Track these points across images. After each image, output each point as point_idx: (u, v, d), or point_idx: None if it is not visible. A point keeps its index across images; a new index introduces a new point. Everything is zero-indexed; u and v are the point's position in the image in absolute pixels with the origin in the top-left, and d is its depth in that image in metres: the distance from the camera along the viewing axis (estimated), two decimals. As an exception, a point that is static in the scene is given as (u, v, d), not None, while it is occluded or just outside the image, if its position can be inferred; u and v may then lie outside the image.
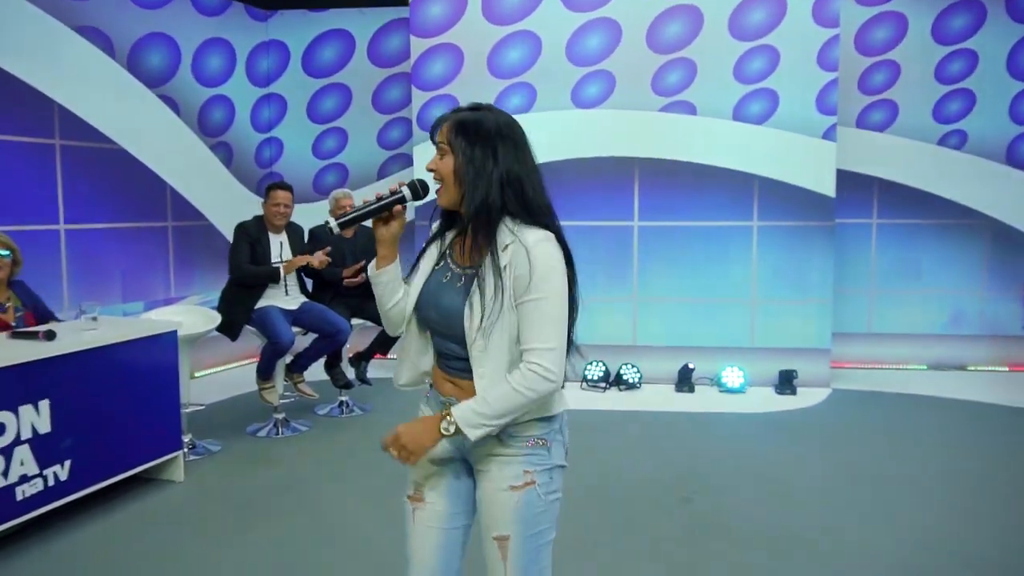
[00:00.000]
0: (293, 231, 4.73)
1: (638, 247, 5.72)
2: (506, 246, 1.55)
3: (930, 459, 4.05)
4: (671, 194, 5.64)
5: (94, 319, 3.42)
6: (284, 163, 6.77)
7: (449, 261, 1.65)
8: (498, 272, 1.54)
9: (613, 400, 5.32)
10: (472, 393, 1.57)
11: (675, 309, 5.71)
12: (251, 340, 4.77)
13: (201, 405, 4.60)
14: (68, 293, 4.95)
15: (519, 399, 1.53)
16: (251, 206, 5.70)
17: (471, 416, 1.53)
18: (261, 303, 4.50)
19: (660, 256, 5.70)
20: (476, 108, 1.63)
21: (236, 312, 4.46)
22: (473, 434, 1.53)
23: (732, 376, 5.51)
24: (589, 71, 5.65)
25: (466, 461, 1.70)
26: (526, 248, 1.54)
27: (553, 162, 5.68)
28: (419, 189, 1.66)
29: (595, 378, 5.60)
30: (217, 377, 6.06)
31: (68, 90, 4.92)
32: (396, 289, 1.70)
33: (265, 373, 4.54)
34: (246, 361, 6.32)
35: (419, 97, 5.86)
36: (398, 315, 1.71)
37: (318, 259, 4.57)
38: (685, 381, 5.55)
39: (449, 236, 1.69)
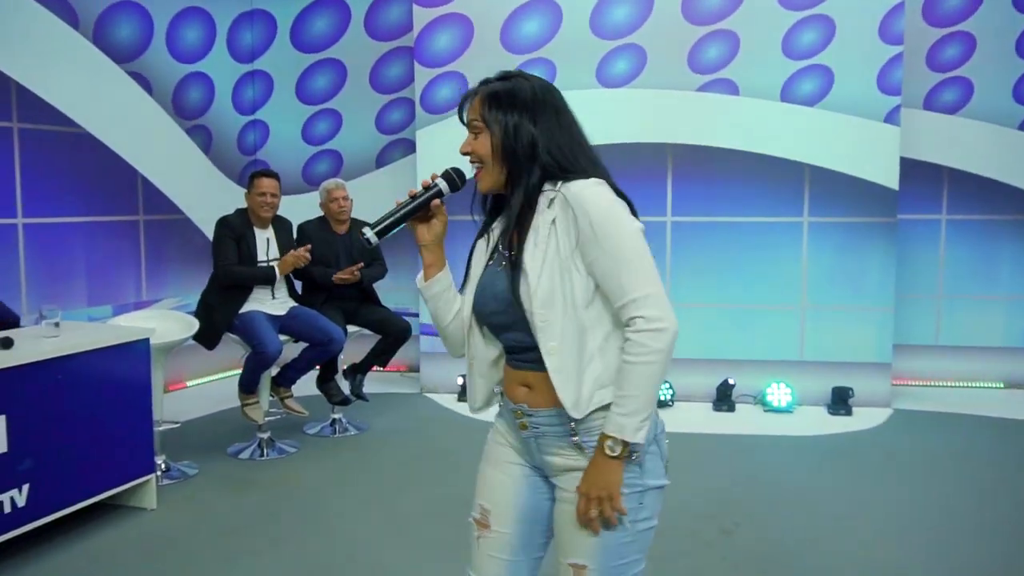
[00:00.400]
0: (281, 225, 4.76)
1: (671, 246, 5.72)
2: (550, 201, 1.56)
3: (1005, 490, 4.02)
4: (709, 186, 5.64)
5: (56, 325, 3.45)
6: (270, 149, 6.82)
7: (502, 250, 1.64)
8: (555, 229, 1.53)
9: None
10: (545, 390, 1.57)
11: (713, 316, 5.71)
12: (232, 350, 4.80)
13: (176, 423, 4.63)
14: (27, 295, 5.00)
15: (648, 369, 1.49)
16: (233, 198, 5.74)
17: (622, 421, 1.50)
18: (245, 307, 4.53)
19: (696, 256, 5.70)
20: (506, 77, 1.64)
21: (217, 318, 4.49)
22: (640, 436, 1.51)
23: (778, 394, 5.50)
24: (617, 45, 5.65)
25: (542, 472, 1.68)
26: (569, 197, 1.54)
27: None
28: (455, 178, 1.66)
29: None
30: (194, 391, 6.10)
31: (27, 66, 4.97)
32: (452, 300, 1.70)
33: (248, 387, 4.56)
34: (227, 373, 6.36)
35: (423, 75, 5.89)
36: (458, 331, 1.70)
37: (294, 255, 4.54)
38: (724, 399, 5.54)
39: (497, 228, 1.67)
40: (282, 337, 4.56)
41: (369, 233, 1.62)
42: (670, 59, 5.59)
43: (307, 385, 5.17)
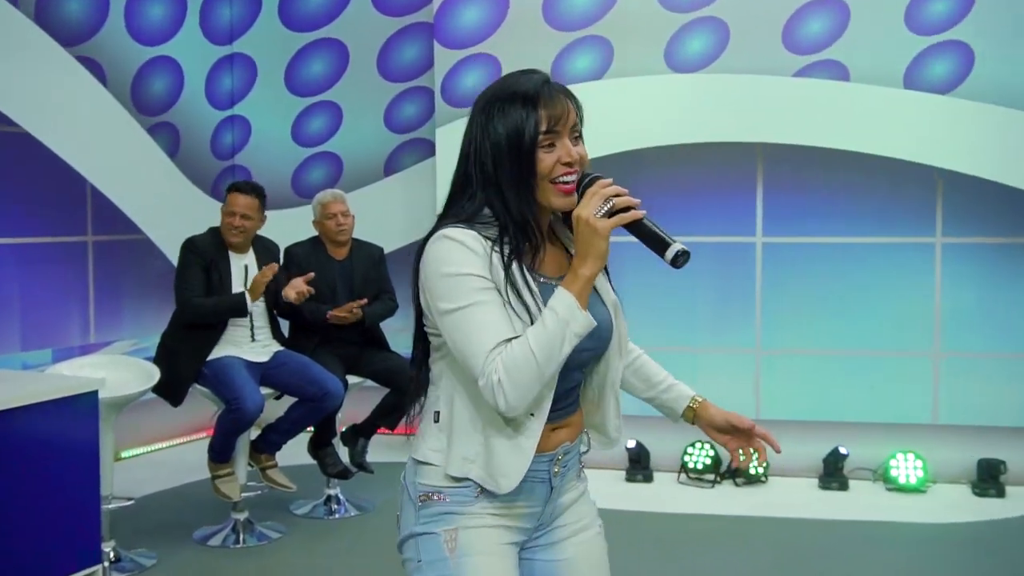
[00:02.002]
0: (264, 249, 4.80)
1: (762, 273, 5.68)
2: None
3: None
4: (810, 196, 5.60)
5: (-17, 374, 3.50)
6: (252, 152, 6.90)
7: (538, 277, 1.86)
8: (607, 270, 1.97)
9: (727, 500, 5.28)
10: (579, 424, 1.98)
11: (817, 366, 5.64)
12: (202, 406, 4.82)
13: (129, 499, 4.65)
14: (-53, 336, 5.08)
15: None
16: (205, 213, 5.81)
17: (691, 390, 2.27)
18: (217, 352, 4.56)
19: (794, 287, 5.64)
20: (543, 73, 1.90)
21: (181, 365, 4.52)
22: None
23: (905, 467, 5.42)
24: (691, 19, 5.66)
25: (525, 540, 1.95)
26: None
27: (637, 150, 5.68)
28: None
29: (700, 467, 5.56)
30: (153, 458, 6.13)
31: None
32: None
33: (221, 454, 4.57)
34: (194, 436, 6.40)
35: (444, 58, 5.93)
36: None
37: (295, 290, 4.62)
38: (834, 473, 5.48)
39: (502, 250, 1.83)
40: (264, 390, 4.57)
41: (677, 246, 1.85)
42: (760, 36, 5.58)
43: (296, 452, 5.18)
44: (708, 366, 5.70)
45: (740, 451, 2.11)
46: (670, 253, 1.84)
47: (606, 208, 1.80)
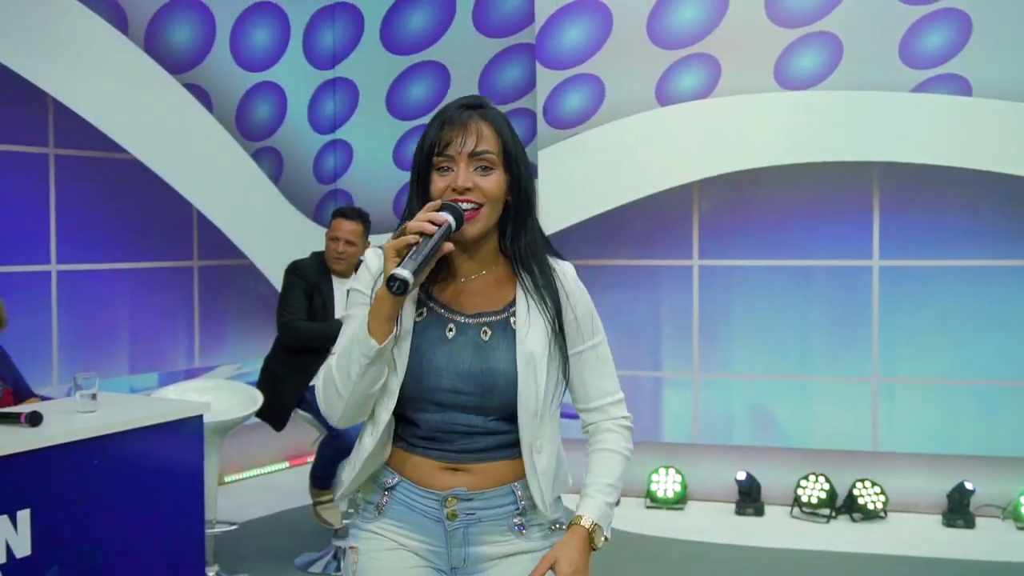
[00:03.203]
0: (366, 275, 4.87)
1: (879, 298, 5.56)
2: (538, 274, 1.94)
3: None
4: (930, 217, 5.48)
5: (92, 397, 3.61)
6: (354, 177, 7.03)
7: (438, 308, 1.94)
8: (556, 314, 1.93)
9: (843, 536, 5.20)
10: (491, 473, 1.92)
11: (940, 396, 5.50)
12: (304, 431, 4.90)
13: (233, 524, 4.75)
14: (58, 359, 5.28)
15: (625, 466, 2.00)
16: (309, 238, 5.96)
17: (608, 512, 1.95)
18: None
19: (914, 312, 5.53)
20: (478, 100, 1.98)
21: (284, 390, 4.61)
22: (608, 533, 1.94)
23: (1037, 504, 5.24)
24: (801, 34, 5.60)
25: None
26: (563, 274, 1.98)
27: (746, 171, 5.63)
28: (460, 217, 1.85)
29: (814, 500, 5.47)
30: (256, 484, 6.27)
31: (65, 78, 5.30)
32: (387, 364, 1.91)
33: (323, 480, 4.65)
34: (297, 461, 6.53)
35: (547, 78, 5.98)
36: (376, 395, 1.91)
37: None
38: (959, 510, 5.34)
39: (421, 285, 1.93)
40: (366, 416, 4.63)
41: (404, 273, 1.74)
42: (875, 50, 5.49)
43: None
44: (823, 396, 5.60)
45: None
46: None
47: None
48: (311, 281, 4.69)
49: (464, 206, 1.85)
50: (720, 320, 5.78)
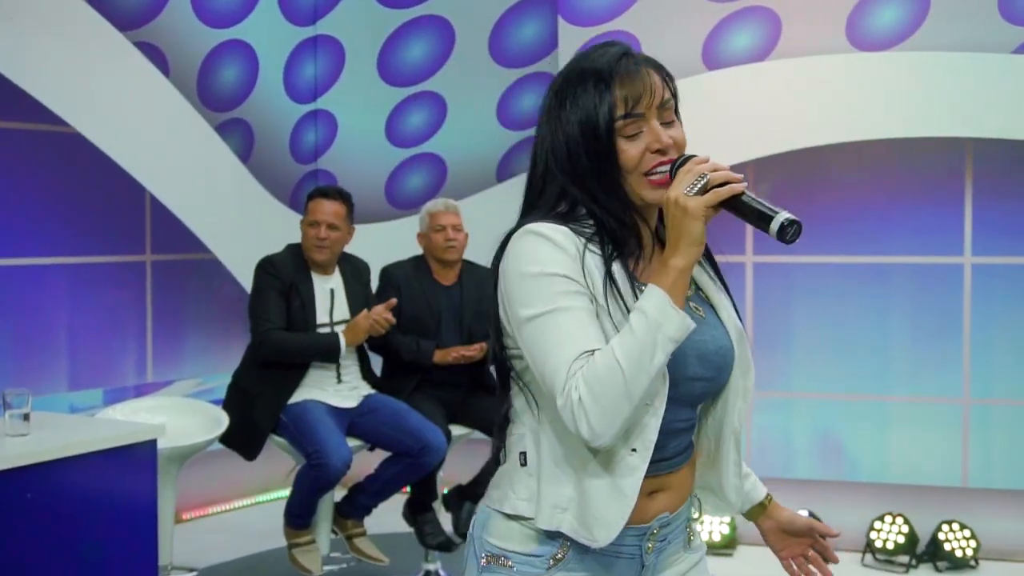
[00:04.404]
0: (353, 271, 4.88)
1: (971, 302, 5.56)
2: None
3: None
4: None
5: (24, 418, 3.62)
6: (339, 154, 7.02)
7: (642, 288, 1.81)
8: (726, 285, 2.03)
9: (925, 589, 5.16)
10: (686, 485, 1.96)
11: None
12: (278, 459, 4.90)
13: (192, 570, 4.77)
14: (-16, 372, 5.28)
15: None
16: (284, 228, 5.92)
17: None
18: (296, 396, 4.65)
19: (1015, 320, 5.53)
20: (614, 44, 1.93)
21: (257, 410, 4.61)
22: None
23: None
24: (879, -16, 5.58)
25: None
26: None
27: (810, 149, 5.59)
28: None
29: (891, 546, 5.44)
30: (219, 521, 6.26)
31: None
32: None
33: (300, 518, 4.65)
34: (268, 495, 6.52)
35: (571, 36, 5.94)
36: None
37: (372, 318, 4.64)
38: (1068, 559, 5.30)
39: (597, 250, 1.85)
40: (352, 442, 4.64)
41: (793, 215, 1.79)
42: (969, 3, 5.46)
43: (390, 517, 5.23)
44: (902, 420, 5.59)
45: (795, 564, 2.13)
46: (775, 225, 1.79)
47: (700, 184, 1.77)
48: (287, 279, 4.70)
49: (662, 169, 1.84)
50: (778, 328, 5.77)
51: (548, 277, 1.76)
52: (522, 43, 6.59)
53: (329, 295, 4.77)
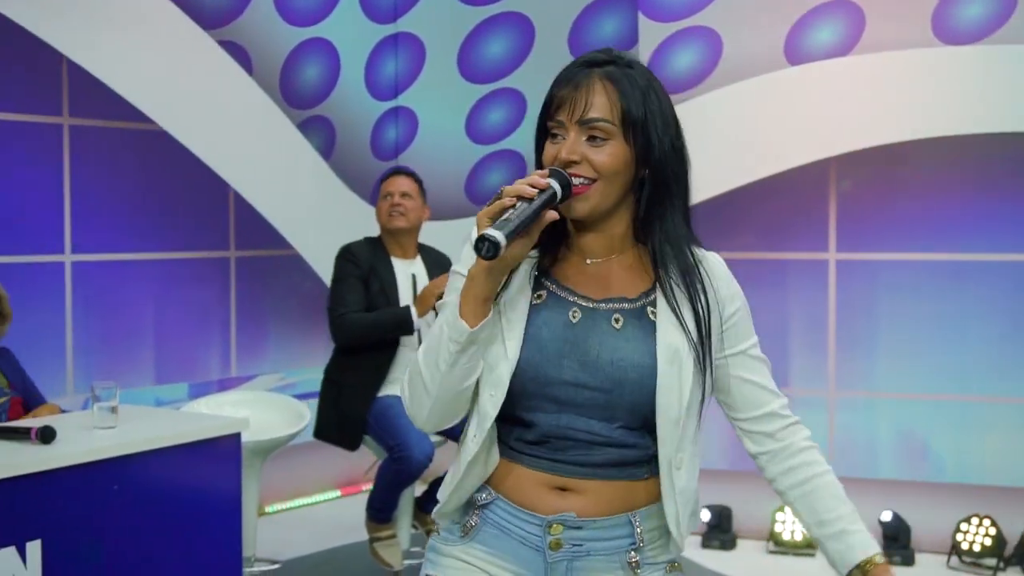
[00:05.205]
0: (434, 262, 4.89)
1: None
2: (678, 261, 1.95)
3: None
4: None
5: (112, 410, 3.68)
6: (419, 150, 7.05)
7: (559, 291, 1.97)
8: (704, 306, 1.94)
9: (1013, 593, 5.09)
10: (605, 496, 1.92)
11: None
12: (359, 453, 4.92)
13: (275, 563, 4.80)
14: (73, 364, 5.37)
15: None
16: (364, 223, 5.95)
17: (869, 539, 1.95)
18: (381, 391, 4.68)
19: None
20: (618, 58, 1.95)
21: (349, 400, 4.62)
22: None
23: None
24: (966, -24, 5.49)
25: None
26: (712, 266, 2.00)
27: (897, 144, 5.53)
28: (567, 183, 1.89)
29: (977, 549, 5.37)
30: (302, 515, 6.32)
31: (80, 37, 5.34)
32: (482, 355, 1.94)
33: (382, 512, 4.67)
34: (350, 489, 6.58)
35: (651, 32, 5.93)
36: (464, 399, 1.97)
37: (439, 286, 4.58)
38: None
39: (528, 259, 1.96)
40: (434, 437, 4.64)
41: (496, 234, 1.78)
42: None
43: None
44: (988, 420, 5.50)
45: None
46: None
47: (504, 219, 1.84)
48: (365, 265, 4.71)
49: (574, 180, 1.88)
50: (861, 326, 5.70)
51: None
52: (602, 39, 6.55)
53: (411, 280, 4.77)
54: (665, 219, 1.94)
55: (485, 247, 1.77)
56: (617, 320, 1.92)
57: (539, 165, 1.95)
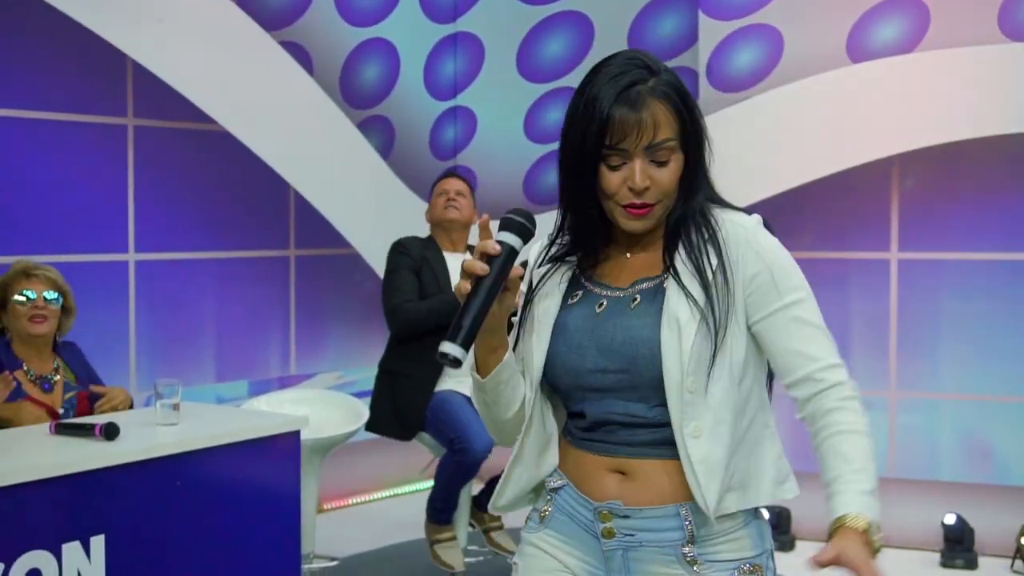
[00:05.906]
0: (484, 257, 4.92)
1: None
2: (701, 228, 1.96)
3: None
4: None
5: (175, 407, 3.73)
6: (478, 150, 7.07)
7: (593, 287, 2.00)
8: (721, 269, 1.90)
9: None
10: (654, 481, 1.92)
11: None
12: (416, 451, 4.94)
13: (333, 559, 4.83)
14: (136, 361, 5.46)
15: (872, 445, 1.87)
16: (423, 224, 5.99)
17: (870, 502, 1.79)
18: (438, 387, 4.69)
19: None
20: (649, 63, 1.97)
21: (411, 390, 4.63)
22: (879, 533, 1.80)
23: None
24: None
25: None
26: (746, 234, 1.94)
27: (961, 142, 5.46)
28: (527, 224, 1.94)
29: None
30: (361, 512, 6.36)
31: (146, 40, 5.42)
32: (519, 383, 2.03)
33: (443, 512, 4.68)
34: (408, 487, 6.59)
35: (712, 30, 5.90)
36: (520, 415, 2.04)
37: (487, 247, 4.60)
38: None
39: (567, 260, 2.05)
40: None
41: (454, 350, 1.82)
42: None
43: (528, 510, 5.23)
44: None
45: None
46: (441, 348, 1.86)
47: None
48: (417, 256, 4.76)
49: (637, 201, 1.89)
50: (924, 327, 5.64)
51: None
52: (662, 38, 6.54)
53: (462, 271, 4.79)
54: (697, 196, 1.98)
55: (449, 361, 1.83)
56: (635, 300, 1.94)
57: (585, 188, 1.94)
